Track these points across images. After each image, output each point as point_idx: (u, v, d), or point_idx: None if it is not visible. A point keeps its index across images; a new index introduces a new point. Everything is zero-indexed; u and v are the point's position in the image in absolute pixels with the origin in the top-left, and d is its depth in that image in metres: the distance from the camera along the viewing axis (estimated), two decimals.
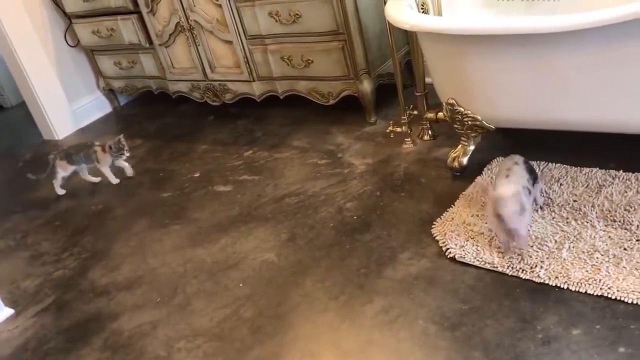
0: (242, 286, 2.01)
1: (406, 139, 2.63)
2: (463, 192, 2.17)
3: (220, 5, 2.96)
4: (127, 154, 2.88)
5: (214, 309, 1.93)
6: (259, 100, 3.19)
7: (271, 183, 2.60)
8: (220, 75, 3.24)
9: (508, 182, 1.80)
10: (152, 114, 3.71)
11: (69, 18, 3.65)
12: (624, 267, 1.64)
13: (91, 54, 3.79)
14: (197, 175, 2.84)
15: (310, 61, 2.87)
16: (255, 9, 2.87)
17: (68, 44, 3.74)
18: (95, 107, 3.88)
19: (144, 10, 3.27)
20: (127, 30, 3.43)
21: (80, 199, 2.89)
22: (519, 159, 1.92)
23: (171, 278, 2.14)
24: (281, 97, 3.10)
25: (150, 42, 3.40)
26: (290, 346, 1.71)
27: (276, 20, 2.83)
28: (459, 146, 2.31)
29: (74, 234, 2.60)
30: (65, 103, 3.70)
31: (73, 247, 2.49)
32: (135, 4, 3.28)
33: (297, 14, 2.76)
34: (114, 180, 2.92)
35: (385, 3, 2.22)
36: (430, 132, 2.64)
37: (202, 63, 3.26)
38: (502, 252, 1.81)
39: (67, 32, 3.71)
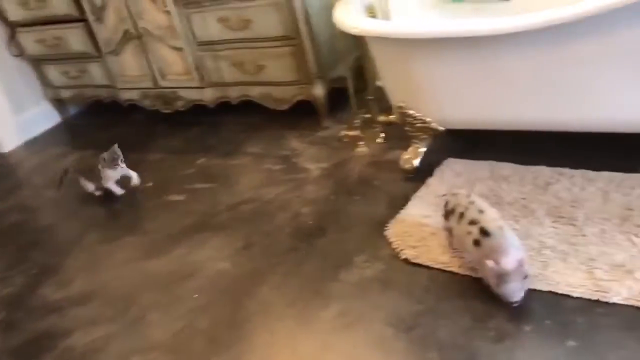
0: (197, 297, 1.98)
1: (359, 143, 2.65)
2: (415, 194, 2.20)
3: (169, 12, 2.93)
4: (122, 164, 2.64)
5: (169, 321, 1.90)
6: (212, 107, 3.15)
7: (226, 191, 2.58)
8: (172, 82, 3.20)
9: (509, 245, 1.56)
10: (103, 124, 3.63)
11: (12, 27, 3.54)
12: (571, 262, 1.68)
13: (37, 64, 3.68)
14: (150, 185, 2.79)
15: (262, 67, 2.86)
16: (204, 15, 2.84)
17: (12, 54, 3.62)
18: (43, 118, 3.77)
19: (91, 19, 3.21)
20: (74, 39, 3.35)
21: (29, 214, 2.80)
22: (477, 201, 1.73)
23: (125, 291, 2.09)
24: (234, 104, 3.08)
25: (99, 50, 3.33)
26: (246, 356, 1.69)
27: (226, 26, 2.82)
28: (411, 148, 2.33)
29: (23, 249, 2.52)
30: (10, 115, 3.59)
31: (22, 264, 2.42)
32: (82, 12, 3.21)
33: (247, 20, 2.74)
34: (118, 191, 2.70)
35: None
36: (382, 135, 2.66)
37: (152, 71, 3.21)
38: (456, 253, 1.84)
39: (12, 41, 3.60)
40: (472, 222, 1.66)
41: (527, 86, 1.87)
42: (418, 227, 2.01)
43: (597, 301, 1.56)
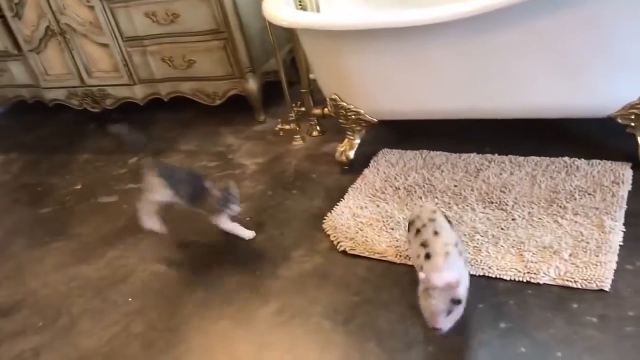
0: (131, 300, 1.91)
1: (295, 136, 2.63)
2: (352, 185, 2.20)
3: (92, 7, 2.81)
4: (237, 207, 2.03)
5: (103, 328, 1.83)
6: (142, 105, 3.06)
7: None
8: (99, 80, 3.08)
9: (446, 265, 1.45)
10: (28, 125, 3.47)
11: None
12: (502, 246, 1.72)
13: None
14: (78, 187, 2.68)
15: (192, 61, 2.79)
16: (130, 9, 2.75)
17: None
18: None
19: (8, 15, 3.04)
20: None
21: None
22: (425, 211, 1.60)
23: (54, 299, 2.00)
24: (166, 100, 3.00)
25: (19, 48, 3.17)
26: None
27: (153, 21, 2.73)
28: (346, 140, 2.33)
29: None
30: None
31: None
32: None
33: (174, 14, 2.67)
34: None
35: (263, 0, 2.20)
36: (318, 128, 2.66)
37: (77, 68, 3.08)
38: (391, 242, 1.85)
39: None
40: (423, 245, 1.52)
41: (454, 75, 1.89)
42: (355, 218, 2.01)
43: (528, 282, 1.60)
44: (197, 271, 1.98)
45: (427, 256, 1.48)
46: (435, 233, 1.52)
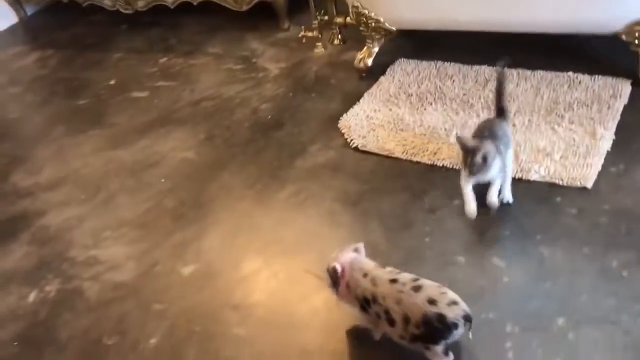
0: (163, 181, 2.13)
1: (317, 44, 2.76)
2: (368, 91, 2.35)
3: None
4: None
5: (137, 203, 2.06)
6: (172, 8, 3.18)
7: (187, 88, 2.68)
8: None
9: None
10: (63, 24, 3.61)
11: None
12: None
13: None
14: (112, 82, 2.86)
15: None
16: None
17: None
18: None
19: None
20: None
21: None
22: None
23: (94, 177, 2.23)
24: (195, 4, 3.11)
25: None
26: (210, 229, 1.88)
27: None
28: (365, 48, 2.46)
29: None
30: None
31: None
32: None
33: None
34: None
35: None
36: (340, 37, 2.77)
37: None
38: (400, 141, 2.02)
39: None
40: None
41: None
42: (368, 120, 2.18)
43: (520, 179, 1.78)
44: (222, 160, 2.18)
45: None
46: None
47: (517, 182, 1.77)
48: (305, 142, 2.18)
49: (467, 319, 1.24)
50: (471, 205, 1.62)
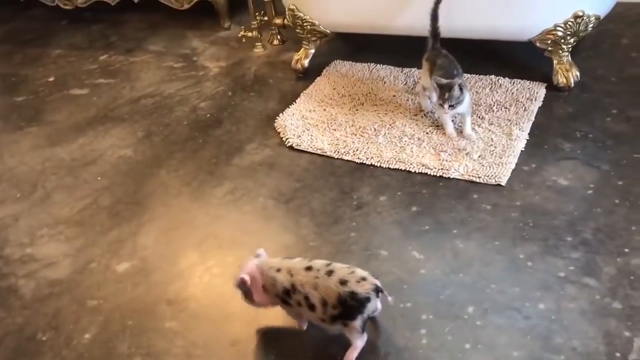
0: (100, 179, 2.16)
1: (257, 44, 2.83)
2: (304, 91, 2.44)
3: None
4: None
5: (74, 200, 2.08)
6: (113, 4, 3.18)
7: (127, 86, 2.71)
8: None
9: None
10: (1, 18, 3.55)
11: None
12: (424, 147, 2.01)
13: None
14: (51, 79, 2.85)
15: None
16: None
17: None
18: None
19: None
20: None
21: None
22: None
23: (30, 175, 2.23)
24: (135, 2, 3.13)
25: None
26: (146, 226, 1.92)
27: None
28: (302, 50, 2.54)
29: None
30: None
31: None
32: None
33: None
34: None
35: None
36: (279, 37, 2.85)
37: None
38: (332, 141, 2.11)
39: None
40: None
41: None
42: (303, 119, 2.26)
43: (441, 177, 1.90)
44: (160, 157, 2.22)
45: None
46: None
47: (437, 180, 1.89)
48: (242, 140, 2.25)
49: (378, 290, 1.35)
50: (451, 128, 2.01)
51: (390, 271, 1.61)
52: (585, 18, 1.99)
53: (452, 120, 2.04)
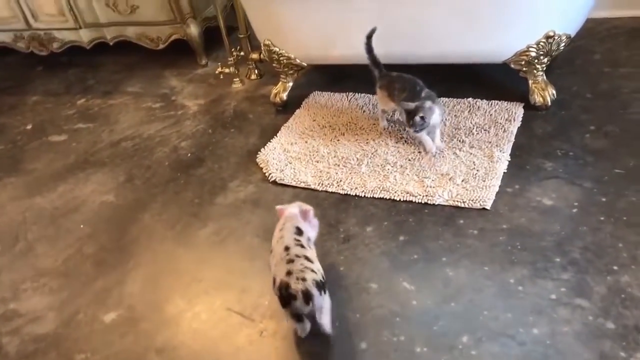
0: (83, 227, 2.13)
1: (235, 79, 2.83)
2: (284, 124, 2.43)
3: None
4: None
5: (57, 251, 2.05)
6: (88, 48, 3.18)
7: (106, 129, 2.69)
8: (45, 23, 3.18)
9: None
10: None
11: None
12: (408, 174, 2.01)
13: None
14: (29, 127, 2.83)
15: (136, 7, 2.92)
16: None
17: None
18: None
19: None
20: None
21: None
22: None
23: (11, 227, 2.20)
24: (111, 44, 3.13)
25: None
26: (132, 273, 1.89)
27: None
28: (280, 83, 2.55)
29: None
30: None
31: None
32: None
33: None
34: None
35: None
36: (256, 72, 2.86)
37: (23, 12, 3.16)
38: (315, 173, 2.11)
39: None
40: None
41: (372, 23, 2.12)
42: (285, 152, 2.26)
43: (426, 204, 1.89)
44: (143, 201, 2.20)
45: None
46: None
47: (423, 207, 1.88)
48: (225, 178, 2.23)
49: (307, 295, 1.42)
50: (429, 144, 2.07)
51: (382, 304, 1.60)
52: (556, 38, 2.02)
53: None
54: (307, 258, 1.51)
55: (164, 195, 2.21)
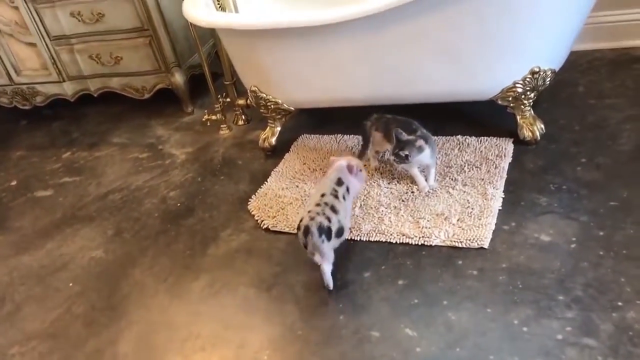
0: (72, 285, 2.07)
1: (222, 126, 2.82)
2: (274, 169, 2.41)
3: (16, 8, 2.88)
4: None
5: (46, 311, 1.98)
6: (72, 100, 3.16)
7: (93, 182, 2.65)
8: (28, 78, 3.16)
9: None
10: None
11: None
12: (402, 215, 1.98)
13: None
14: (14, 183, 2.78)
15: (119, 58, 2.92)
16: (55, 9, 2.84)
17: None
18: None
19: None
20: None
21: None
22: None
23: None
24: (95, 95, 3.11)
25: None
26: (125, 332, 1.83)
27: (79, 20, 2.84)
28: (268, 128, 2.54)
29: None
30: None
31: None
32: None
33: (99, 13, 2.79)
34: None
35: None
36: (243, 117, 2.85)
37: (5, 67, 3.14)
38: None
39: None
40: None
41: (356, 68, 2.12)
42: (277, 198, 2.23)
43: (422, 245, 1.86)
44: (133, 255, 2.15)
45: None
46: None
47: (420, 249, 1.85)
48: (216, 227, 2.20)
49: (306, 230, 1.73)
50: (422, 182, 2.07)
51: (385, 353, 1.55)
52: (542, 73, 2.04)
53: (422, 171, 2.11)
54: (332, 207, 1.79)
55: (155, 248, 2.16)
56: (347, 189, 1.89)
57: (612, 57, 2.65)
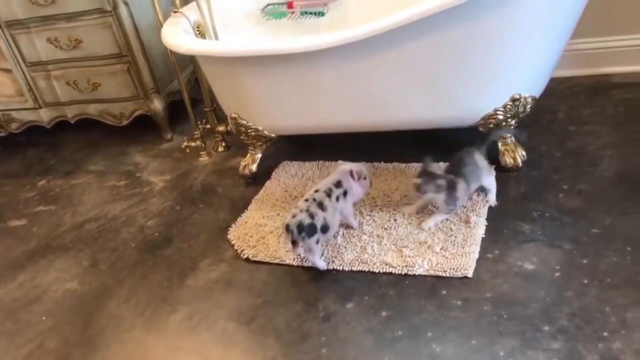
0: (45, 319, 2.00)
1: (202, 152, 2.78)
2: (255, 197, 2.37)
3: None
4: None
5: (17, 347, 1.90)
6: (48, 127, 3.10)
7: (69, 211, 2.58)
8: (3, 104, 3.10)
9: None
10: None
11: None
12: (385, 244, 1.95)
13: None
14: None
15: (97, 84, 2.88)
16: (31, 35, 2.80)
17: None
18: None
19: None
20: None
21: None
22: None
23: None
24: (72, 122, 3.06)
25: None
26: None
27: (56, 46, 2.80)
28: (248, 155, 2.51)
29: None
30: None
31: None
32: None
33: (77, 39, 2.75)
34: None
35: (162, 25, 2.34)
36: (223, 144, 2.82)
37: None
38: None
39: None
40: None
41: (338, 94, 2.11)
42: (257, 227, 2.19)
43: (406, 275, 1.83)
44: (109, 286, 2.08)
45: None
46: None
47: (403, 278, 1.82)
48: (195, 257, 2.14)
49: (286, 227, 1.84)
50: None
51: None
52: (522, 100, 2.04)
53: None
54: (320, 204, 1.87)
55: (131, 279, 2.10)
56: (345, 193, 1.96)
57: (590, 83, 2.67)
